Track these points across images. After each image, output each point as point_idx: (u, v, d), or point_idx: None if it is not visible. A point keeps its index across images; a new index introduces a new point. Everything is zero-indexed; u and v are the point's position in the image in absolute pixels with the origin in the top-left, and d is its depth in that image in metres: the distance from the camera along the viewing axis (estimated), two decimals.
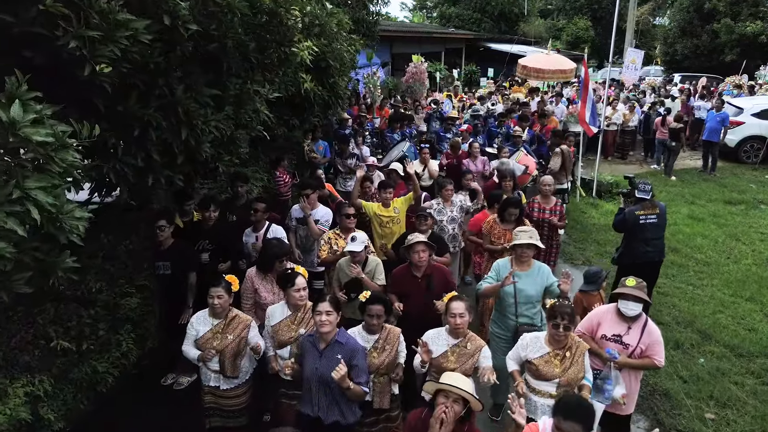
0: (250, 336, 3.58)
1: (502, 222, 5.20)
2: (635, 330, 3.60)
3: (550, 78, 13.72)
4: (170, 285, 4.43)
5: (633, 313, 3.56)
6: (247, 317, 3.67)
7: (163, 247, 4.44)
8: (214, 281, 3.53)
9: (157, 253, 4.47)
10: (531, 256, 4.09)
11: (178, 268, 4.41)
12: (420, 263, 4.04)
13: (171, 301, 4.49)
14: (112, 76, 3.22)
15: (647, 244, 5.54)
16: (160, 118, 3.80)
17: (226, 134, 4.41)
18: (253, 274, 4.15)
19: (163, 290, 4.57)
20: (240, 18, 4.02)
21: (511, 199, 5.26)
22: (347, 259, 4.30)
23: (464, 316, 3.34)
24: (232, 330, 3.54)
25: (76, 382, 4.10)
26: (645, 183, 5.68)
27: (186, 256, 4.50)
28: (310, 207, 5.25)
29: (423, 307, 3.93)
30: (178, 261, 4.42)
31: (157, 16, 3.41)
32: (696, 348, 5.35)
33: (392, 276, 4.24)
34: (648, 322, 3.64)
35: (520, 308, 4.04)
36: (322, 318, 3.10)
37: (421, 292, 4.01)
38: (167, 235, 4.42)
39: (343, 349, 3.13)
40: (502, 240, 5.07)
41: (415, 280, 4.08)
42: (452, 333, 3.43)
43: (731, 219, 9.26)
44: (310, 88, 6.61)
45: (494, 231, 5.22)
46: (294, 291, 3.57)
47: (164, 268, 4.43)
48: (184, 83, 3.99)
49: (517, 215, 5.09)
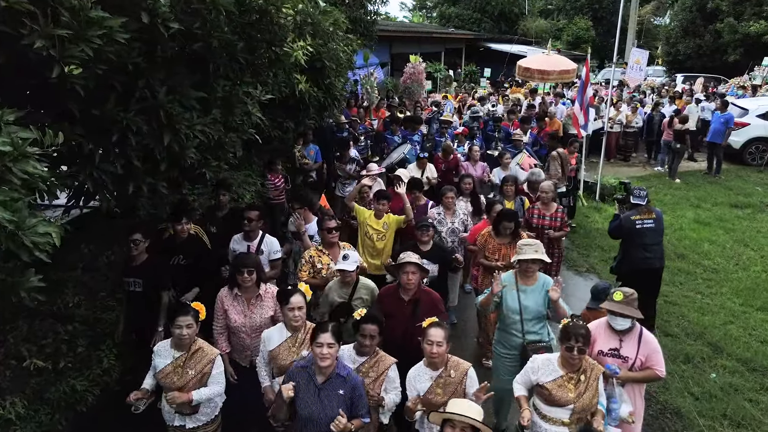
0: (215, 373, 3.31)
1: (496, 236, 4.87)
2: (631, 342, 3.45)
3: (555, 79, 13.49)
4: (141, 304, 4.11)
5: (622, 327, 3.41)
6: (212, 351, 3.37)
7: (136, 263, 4.14)
8: (182, 309, 3.26)
9: (128, 269, 4.16)
10: (536, 270, 3.86)
11: (150, 286, 4.10)
12: (408, 285, 3.76)
13: (141, 321, 4.18)
14: (85, 77, 3.00)
15: (646, 250, 5.38)
16: (141, 122, 3.56)
17: (213, 138, 4.18)
18: (224, 294, 3.90)
19: (133, 309, 4.24)
20: (226, 16, 3.79)
21: (506, 211, 4.92)
22: (337, 281, 4.05)
23: (441, 345, 3.09)
24: (195, 364, 3.26)
25: (53, 402, 3.86)
26: (640, 189, 5.61)
27: (159, 273, 4.19)
28: (303, 222, 4.98)
29: (405, 333, 3.66)
30: (151, 278, 4.11)
31: (135, 13, 3.18)
32: (707, 362, 5.12)
33: (379, 294, 3.98)
34: (643, 332, 3.48)
35: (526, 325, 3.80)
36: (323, 351, 2.84)
37: (406, 317, 3.73)
38: (141, 249, 4.12)
39: (345, 385, 2.88)
40: (496, 255, 4.79)
41: (401, 303, 3.80)
42: (430, 364, 3.17)
43: (738, 223, 9.03)
44: (304, 90, 6.35)
45: (489, 245, 4.91)
46: (288, 310, 3.33)
47: (135, 285, 4.12)
48: (167, 85, 3.75)
49: (512, 229, 4.75)
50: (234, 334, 3.92)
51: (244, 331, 3.88)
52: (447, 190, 5.57)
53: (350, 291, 3.94)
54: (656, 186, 11.10)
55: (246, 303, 3.90)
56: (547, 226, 5.57)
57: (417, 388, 3.17)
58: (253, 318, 3.89)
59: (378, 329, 3.19)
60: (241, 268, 3.79)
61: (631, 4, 19.62)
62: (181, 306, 3.36)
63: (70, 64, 2.78)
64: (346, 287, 3.97)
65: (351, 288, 3.94)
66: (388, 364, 3.26)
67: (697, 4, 22.54)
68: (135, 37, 3.23)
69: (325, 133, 8.83)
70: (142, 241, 4.11)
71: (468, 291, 6.39)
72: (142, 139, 3.65)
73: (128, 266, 4.18)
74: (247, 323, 3.88)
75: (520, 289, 3.83)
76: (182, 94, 3.84)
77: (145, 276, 4.10)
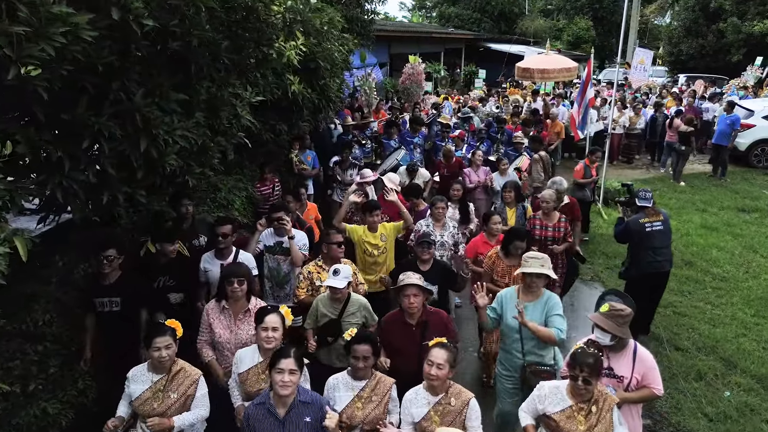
0: (198, 395, 3.05)
1: (506, 256, 4.41)
2: (624, 360, 3.20)
3: (555, 78, 13.25)
4: (118, 325, 3.79)
5: (601, 342, 3.16)
6: (194, 371, 3.11)
7: (108, 281, 3.81)
8: (159, 330, 3.00)
9: (100, 288, 3.81)
10: (541, 286, 3.59)
11: (129, 305, 3.79)
12: (411, 309, 3.47)
13: (118, 344, 3.86)
14: (48, 79, 2.74)
15: (656, 254, 5.18)
16: (115, 126, 3.30)
17: (196, 143, 3.92)
18: (211, 306, 3.65)
19: (107, 332, 3.87)
20: (208, 13, 3.53)
21: (519, 230, 4.47)
22: (325, 297, 3.78)
23: (443, 368, 2.83)
24: (177, 386, 3.01)
25: (23, 427, 3.58)
26: (645, 191, 5.41)
27: (140, 290, 3.90)
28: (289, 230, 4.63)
29: (417, 361, 3.34)
30: (130, 296, 3.80)
31: (104, 9, 2.92)
32: (720, 379, 4.86)
33: (382, 324, 3.67)
34: (638, 348, 3.23)
35: (526, 344, 3.54)
36: (284, 378, 2.59)
37: (416, 344, 3.43)
38: (115, 266, 3.80)
39: (311, 410, 2.63)
40: (506, 278, 4.36)
41: (408, 328, 3.51)
42: (429, 388, 2.91)
43: (746, 228, 8.77)
44: (298, 91, 6.11)
45: (498, 268, 4.48)
46: (261, 329, 3.07)
47: (110, 304, 3.79)
48: (144, 87, 3.49)
49: (524, 249, 4.24)
50: (217, 349, 3.67)
51: (229, 348, 3.63)
52: (437, 200, 5.20)
53: (341, 308, 3.67)
54: (660, 189, 10.83)
55: (233, 317, 3.65)
56: (550, 237, 5.29)
57: (412, 413, 2.92)
58: (240, 334, 3.64)
59: (371, 349, 2.94)
60: (231, 277, 3.55)
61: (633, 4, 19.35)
62: (156, 326, 3.09)
63: (28, 65, 2.52)
64: (336, 303, 3.70)
65: (342, 304, 3.67)
66: (389, 384, 3.04)
67: (699, 4, 22.28)
68: (105, 35, 2.98)
69: (322, 137, 8.51)
70: (117, 257, 3.78)
71: (458, 305, 6.13)
72: (117, 144, 3.39)
73: (99, 285, 3.83)
74: (232, 339, 3.63)
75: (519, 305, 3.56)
76: (161, 96, 3.58)
77: (124, 294, 3.79)
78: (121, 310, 3.80)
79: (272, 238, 4.68)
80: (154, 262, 4.22)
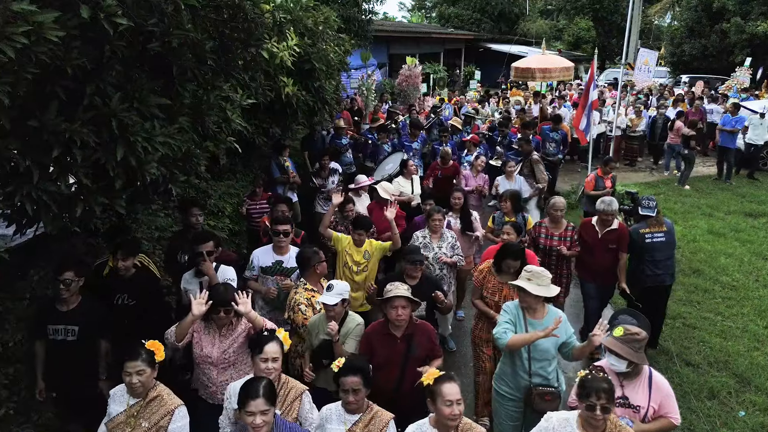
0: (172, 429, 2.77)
1: (498, 272, 4.08)
2: (640, 387, 2.95)
3: (557, 77, 13.01)
4: (72, 355, 3.41)
5: (617, 369, 2.92)
6: (173, 400, 2.85)
7: (67, 307, 3.44)
8: (131, 352, 2.73)
9: (56, 314, 3.42)
10: (534, 304, 3.34)
11: (87, 334, 3.43)
12: (398, 321, 3.26)
13: (72, 376, 3.46)
14: (10, 83, 2.52)
15: (657, 266, 4.93)
16: (89, 133, 3.07)
17: (180, 150, 3.68)
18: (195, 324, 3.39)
19: (60, 362, 3.47)
20: (190, 12, 3.30)
21: (511, 248, 4.05)
22: (320, 316, 3.54)
23: (461, 402, 2.56)
24: (149, 415, 2.76)
25: None
26: (649, 199, 5.13)
27: (99, 317, 3.52)
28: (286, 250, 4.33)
29: (400, 376, 3.20)
30: (88, 324, 3.43)
31: (73, 7, 2.69)
32: (734, 397, 4.62)
33: (365, 333, 3.45)
34: (653, 375, 2.98)
35: (533, 365, 3.30)
36: (256, 421, 2.38)
37: (399, 356, 3.26)
38: (75, 290, 3.41)
39: None
40: (496, 296, 4.05)
41: (393, 340, 3.30)
42: (441, 426, 2.60)
43: (754, 234, 8.53)
44: (291, 93, 5.89)
45: (488, 284, 4.12)
46: (260, 360, 2.82)
47: (67, 333, 3.40)
48: (122, 91, 3.26)
49: (517, 268, 3.83)
50: (199, 366, 3.39)
51: (211, 362, 3.36)
52: (434, 211, 4.88)
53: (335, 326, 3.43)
54: (665, 193, 10.60)
55: (217, 331, 3.40)
56: (555, 246, 5.05)
57: None
58: (223, 347, 3.39)
59: (362, 381, 2.69)
60: (218, 307, 3.24)
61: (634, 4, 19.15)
62: (129, 348, 2.82)
63: None
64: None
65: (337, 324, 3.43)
66: (386, 420, 2.78)
67: (702, 4, 21.95)
68: (74, 35, 2.75)
69: (315, 141, 8.12)
70: (75, 281, 3.41)
71: (460, 318, 5.90)
72: (92, 153, 3.17)
73: (55, 310, 3.44)
74: (214, 354, 3.36)
75: (528, 323, 3.32)
76: (141, 100, 3.35)
77: (82, 322, 3.42)
78: (77, 340, 3.43)
79: (270, 257, 4.28)
80: (115, 277, 3.86)
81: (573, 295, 5.69)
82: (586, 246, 5.02)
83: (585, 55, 30.52)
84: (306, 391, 2.88)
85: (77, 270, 3.42)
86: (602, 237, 4.94)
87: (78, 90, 3.08)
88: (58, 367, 3.46)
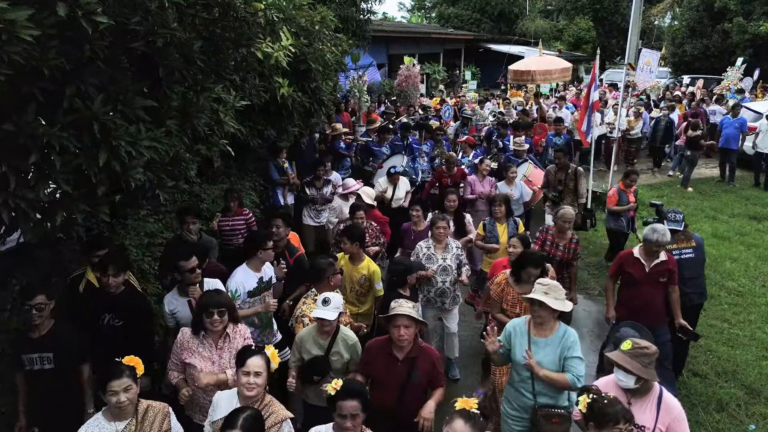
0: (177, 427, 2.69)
1: (517, 283, 3.92)
2: (648, 406, 2.78)
3: (557, 78, 12.86)
4: (52, 385, 3.15)
5: (624, 384, 2.77)
6: (160, 404, 2.73)
7: (38, 333, 3.14)
8: (114, 371, 2.57)
9: (29, 342, 3.15)
10: (547, 318, 3.17)
11: (65, 360, 3.18)
12: (401, 342, 3.07)
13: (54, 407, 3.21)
14: None
15: (685, 285, 4.49)
16: (70, 138, 2.91)
17: (167, 154, 3.52)
18: (186, 338, 3.21)
19: (41, 393, 3.20)
20: (176, 11, 3.15)
21: (533, 255, 3.91)
22: (311, 329, 3.37)
23: None
24: (149, 426, 2.63)
25: None
26: (675, 212, 4.81)
27: (75, 340, 3.25)
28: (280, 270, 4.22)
29: (397, 397, 3.03)
30: (65, 349, 3.17)
31: (48, 4, 2.53)
32: (743, 409, 4.47)
33: (366, 349, 3.28)
34: (663, 395, 2.79)
35: (538, 385, 3.14)
36: None
37: (399, 380, 3.07)
38: (47, 315, 3.13)
39: None
40: (517, 308, 3.91)
41: (394, 362, 3.11)
42: None
43: (759, 238, 8.38)
44: (287, 94, 5.73)
45: (508, 296, 3.97)
46: (243, 374, 2.67)
47: (43, 361, 3.13)
48: (106, 92, 3.10)
49: (538, 276, 3.73)
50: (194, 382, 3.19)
51: None
52: (438, 219, 4.69)
53: (328, 343, 3.28)
54: (668, 195, 10.45)
55: (213, 346, 3.24)
56: (559, 256, 4.90)
57: None
58: (222, 363, 3.23)
59: (361, 405, 2.52)
60: (211, 308, 3.11)
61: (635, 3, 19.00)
62: (111, 367, 2.65)
63: None
64: (324, 337, 3.30)
65: (329, 338, 3.28)
66: None
67: (704, 3, 21.80)
68: (51, 34, 2.60)
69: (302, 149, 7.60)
70: (47, 304, 3.12)
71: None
72: (73, 158, 3.02)
73: (27, 338, 3.17)
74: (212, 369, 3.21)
75: (532, 341, 3.16)
76: (125, 102, 3.18)
77: (57, 347, 3.15)
78: (55, 367, 3.16)
79: (252, 278, 3.98)
80: (98, 295, 3.59)
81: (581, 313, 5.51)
82: (630, 281, 4.40)
83: (585, 56, 30.37)
84: (288, 419, 2.70)
85: (48, 293, 3.16)
86: (651, 271, 4.29)
87: (58, 92, 2.92)
88: (38, 399, 3.21)
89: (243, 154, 6.46)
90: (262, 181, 7.06)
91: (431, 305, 4.72)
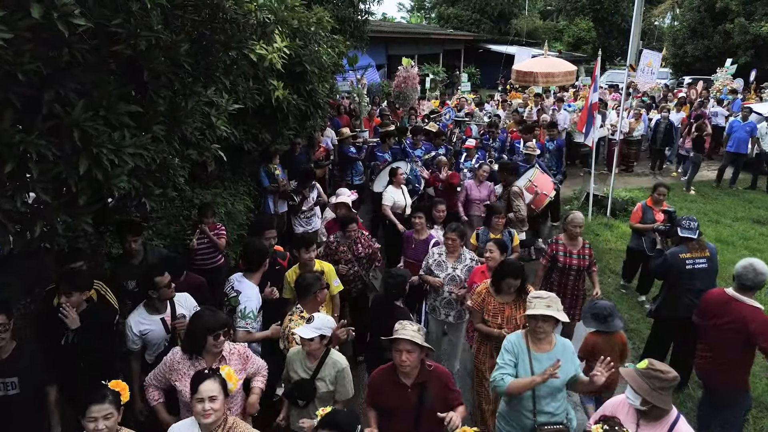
0: None
1: (497, 293, 3.80)
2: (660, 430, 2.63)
3: (560, 81, 12.71)
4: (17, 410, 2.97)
5: (631, 403, 2.66)
6: None
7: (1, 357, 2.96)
8: (95, 395, 2.41)
9: None
10: (549, 332, 3.05)
11: (30, 384, 2.99)
12: (403, 367, 2.87)
13: None
14: None
15: (696, 296, 4.26)
16: (48, 145, 2.77)
17: (154, 161, 3.39)
18: (177, 359, 3.03)
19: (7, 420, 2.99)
20: (160, 12, 3.00)
21: (513, 265, 3.74)
22: (297, 351, 3.22)
23: None
24: None
25: None
26: (690, 219, 4.59)
27: (39, 362, 3.07)
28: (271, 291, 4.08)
29: (414, 424, 2.85)
30: (30, 372, 3.00)
31: (22, 5, 2.39)
32: (753, 425, 4.33)
33: (370, 380, 3.11)
34: (679, 422, 2.63)
35: (539, 403, 3.00)
36: None
37: (410, 408, 2.88)
38: (8, 338, 2.94)
39: None
40: (498, 318, 3.75)
41: (403, 390, 2.91)
42: None
43: (764, 243, 8.24)
44: (282, 97, 5.60)
45: (489, 306, 3.81)
46: (196, 401, 2.50)
47: (5, 387, 2.94)
48: (88, 97, 2.96)
49: (517, 287, 3.69)
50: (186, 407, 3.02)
51: None
52: (449, 230, 4.52)
53: (315, 366, 3.12)
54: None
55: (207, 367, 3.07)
56: (575, 265, 4.76)
57: None
58: None
59: None
60: (217, 330, 2.93)
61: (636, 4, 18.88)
62: (92, 391, 2.49)
63: None
64: (311, 359, 3.14)
65: (317, 362, 3.12)
66: None
67: (705, 4, 21.70)
68: (26, 37, 2.46)
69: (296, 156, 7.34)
70: (7, 323, 2.94)
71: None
72: (53, 166, 2.88)
73: None
74: None
75: (532, 357, 3.02)
76: (108, 108, 3.04)
77: (22, 370, 2.97)
78: (21, 392, 2.98)
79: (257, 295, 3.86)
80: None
81: None
82: None
83: (585, 56, 30.26)
84: None
85: (8, 312, 2.97)
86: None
87: (36, 97, 2.78)
88: (4, 428, 3.02)
89: (237, 157, 6.32)
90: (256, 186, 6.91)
91: (437, 315, 4.61)
